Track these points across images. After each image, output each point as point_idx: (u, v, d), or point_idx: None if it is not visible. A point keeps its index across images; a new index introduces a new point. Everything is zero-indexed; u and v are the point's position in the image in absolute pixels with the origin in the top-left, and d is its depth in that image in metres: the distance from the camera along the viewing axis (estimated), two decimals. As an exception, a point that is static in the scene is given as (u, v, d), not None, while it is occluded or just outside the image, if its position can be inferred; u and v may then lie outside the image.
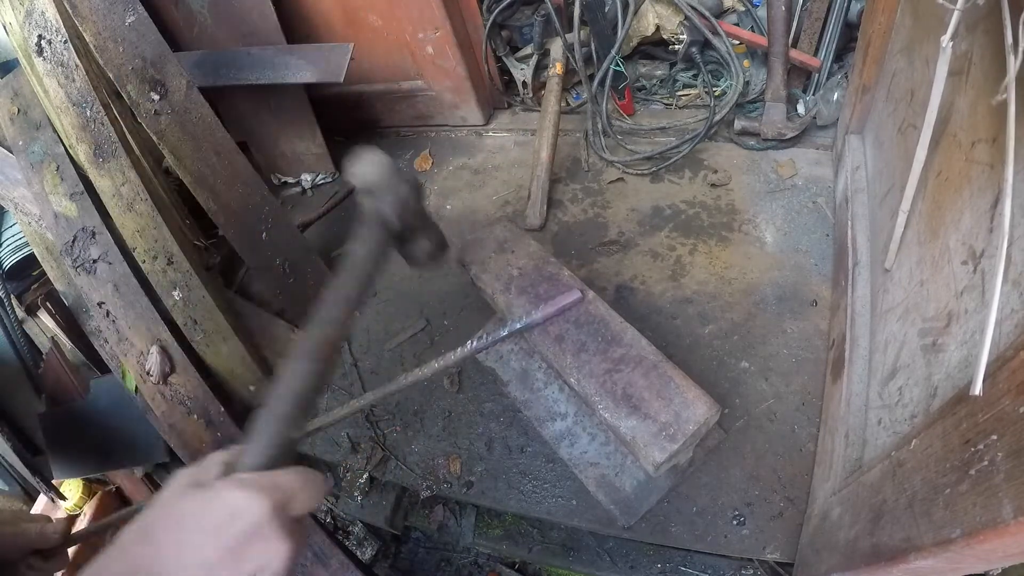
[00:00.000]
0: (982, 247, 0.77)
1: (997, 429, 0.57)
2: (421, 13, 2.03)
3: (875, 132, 1.52)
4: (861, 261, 1.38)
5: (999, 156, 0.70)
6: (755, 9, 2.02)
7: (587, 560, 1.53)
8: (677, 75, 2.22)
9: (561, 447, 1.51)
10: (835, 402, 1.31)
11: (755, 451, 1.43)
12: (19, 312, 1.98)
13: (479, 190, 2.21)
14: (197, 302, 1.65)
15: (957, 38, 0.89)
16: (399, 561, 1.84)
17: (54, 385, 1.89)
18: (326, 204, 2.29)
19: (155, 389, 1.67)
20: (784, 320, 1.61)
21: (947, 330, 0.84)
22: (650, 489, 1.41)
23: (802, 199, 1.85)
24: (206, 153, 1.66)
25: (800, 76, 2.02)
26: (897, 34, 1.37)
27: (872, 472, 0.90)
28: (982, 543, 0.58)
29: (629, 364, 1.26)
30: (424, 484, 1.58)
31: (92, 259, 1.66)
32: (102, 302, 1.66)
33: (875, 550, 0.81)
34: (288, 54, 2.00)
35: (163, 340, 1.66)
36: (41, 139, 1.74)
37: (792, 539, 1.30)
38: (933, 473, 0.68)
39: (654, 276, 1.79)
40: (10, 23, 1.61)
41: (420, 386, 1.74)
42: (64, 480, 1.85)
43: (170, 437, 1.68)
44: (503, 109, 2.44)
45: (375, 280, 0.78)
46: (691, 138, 1.98)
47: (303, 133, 2.31)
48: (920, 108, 1.01)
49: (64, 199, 1.69)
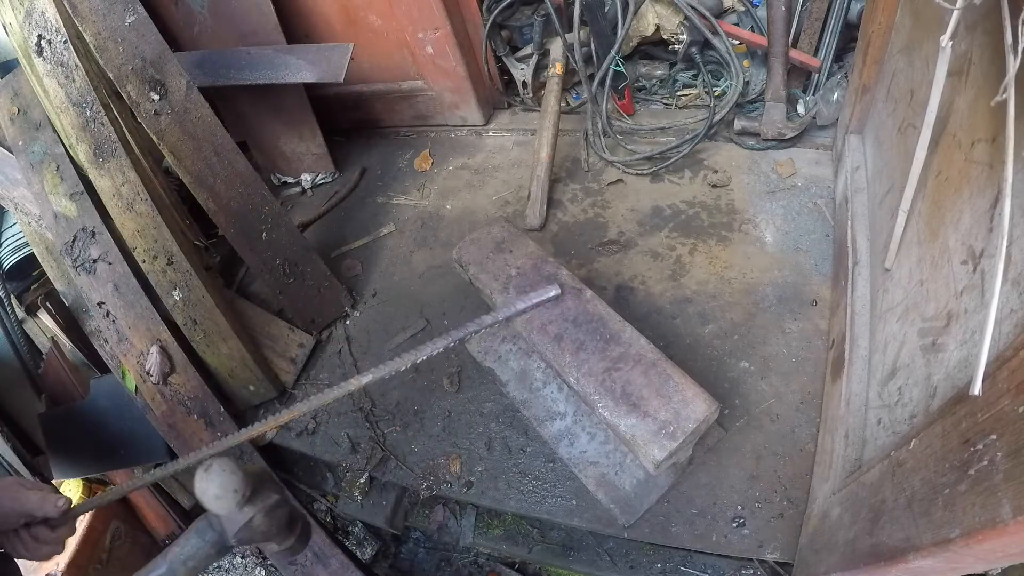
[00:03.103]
0: (982, 247, 0.77)
1: (996, 429, 0.57)
2: (421, 13, 2.03)
3: (875, 132, 1.52)
4: (861, 261, 1.38)
5: (999, 156, 0.71)
6: (755, 9, 2.03)
7: (587, 560, 1.53)
8: (677, 75, 2.22)
9: (560, 446, 1.51)
10: (835, 402, 1.31)
11: (755, 451, 1.43)
12: (19, 312, 1.98)
13: (479, 190, 2.21)
14: (197, 302, 1.65)
15: (957, 38, 0.89)
16: (399, 561, 1.84)
17: (54, 385, 1.89)
18: (326, 204, 2.29)
19: (155, 389, 1.67)
20: (784, 320, 1.61)
21: (947, 330, 0.84)
22: (650, 488, 1.41)
23: (802, 199, 1.85)
24: (206, 153, 1.66)
25: (800, 76, 2.02)
26: (897, 34, 1.37)
27: (872, 472, 0.90)
28: (981, 543, 0.58)
29: (628, 362, 1.26)
30: (424, 484, 1.58)
31: (92, 259, 1.66)
32: (102, 302, 1.66)
33: (874, 550, 0.81)
34: (288, 54, 2.00)
35: (163, 340, 1.66)
36: (41, 139, 1.74)
37: (792, 539, 1.30)
38: (932, 473, 0.68)
39: (654, 276, 1.79)
40: (10, 23, 1.61)
41: (420, 386, 1.74)
42: (64, 480, 1.85)
43: (170, 437, 1.68)
44: (503, 109, 2.44)
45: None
46: (691, 138, 1.98)
47: (303, 133, 2.32)
48: (920, 108, 1.01)
49: (64, 199, 1.69)
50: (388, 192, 2.32)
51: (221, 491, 0.72)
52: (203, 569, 0.77)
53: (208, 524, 0.77)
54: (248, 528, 0.76)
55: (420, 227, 2.16)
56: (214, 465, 0.72)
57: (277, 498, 0.79)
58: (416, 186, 2.30)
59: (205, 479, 0.72)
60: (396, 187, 2.32)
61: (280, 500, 0.79)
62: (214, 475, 0.72)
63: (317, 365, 1.88)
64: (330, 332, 1.95)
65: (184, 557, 0.76)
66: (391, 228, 2.18)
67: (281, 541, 0.85)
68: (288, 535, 0.85)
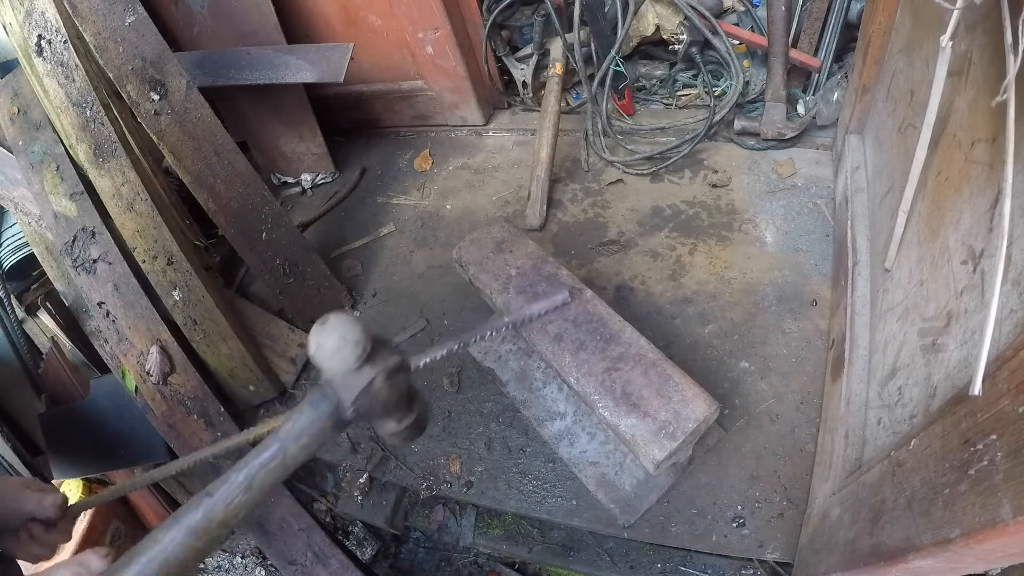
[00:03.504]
0: (982, 247, 0.77)
1: (996, 429, 0.57)
2: (421, 13, 2.03)
3: (875, 132, 1.52)
4: (861, 261, 1.38)
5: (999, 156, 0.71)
6: (755, 9, 2.02)
7: (587, 560, 1.52)
8: (677, 75, 2.22)
9: (560, 446, 1.51)
10: (835, 402, 1.31)
11: (755, 451, 1.43)
12: (19, 312, 1.98)
13: (479, 190, 2.21)
14: (197, 302, 1.65)
15: (957, 38, 0.89)
16: (399, 561, 1.84)
17: (54, 385, 1.89)
18: (326, 204, 2.29)
19: (155, 389, 1.67)
20: (784, 320, 1.61)
21: (947, 330, 0.84)
22: (650, 488, 1.41)
23: (802, 199, 1.85)
24: (206, 153, 1.66)
25: (800, 76, 2.02)
26: (897, 34, 1.37)
27: (871, 472, 0.90)
28: (981, 543, 0.58)
29: (628, 362, 1.26)
30: (424, 484, 1.58)
31: (92, 259, 1.66)
32: (102, 302, 1.66)
33: (874, 550, 0.81)
34: (288, 54, 2.00)
35: (163, 340, 1.66)
36: (41, 139, 1.74)
37: (792, 539, 1.30)
38: (932, 473, 0.68)
39: (654, 276, 1.79)
40: (10, 23, 1.61)
41: (420, 386, 1.73)
42: (64, 480, 1.85)
43: (170, 437, 1.68)
44: (503, 109, 2.44)
45: (295, 469, 0.68)
46: (691, 138, 1.98)
47: (303, 133, 2.31)
48: (920, 108, 1.01)
49: (64, 199, 1.69)
50: (388, 192, 2.32)
51: (341, 342, 0.63)
52: (317, 448, 0.67)
53: (322, 394, 0.67)
54: (368, 394, 0.66)
55: (420, 227, 2.16)
56: (331, 317, 0.65)
57: (398, 359, 0.68)
58: (416, 186, 2.30)
59: (323, 331, 0.64)
60: (396, 187, 2.32)
61: (402, 363, 0.69)
62: (334, 325, 0.64)
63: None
64: (330, 332, 1.95)
65: (297, 433, 0.66)
66: (391, 228, 2.18)
67: (401, 417, 0.74)
68: (408, 410, 0.75)
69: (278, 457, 0.65)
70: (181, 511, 0.61)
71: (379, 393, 0.67)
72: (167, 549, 0.59)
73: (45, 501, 0.83)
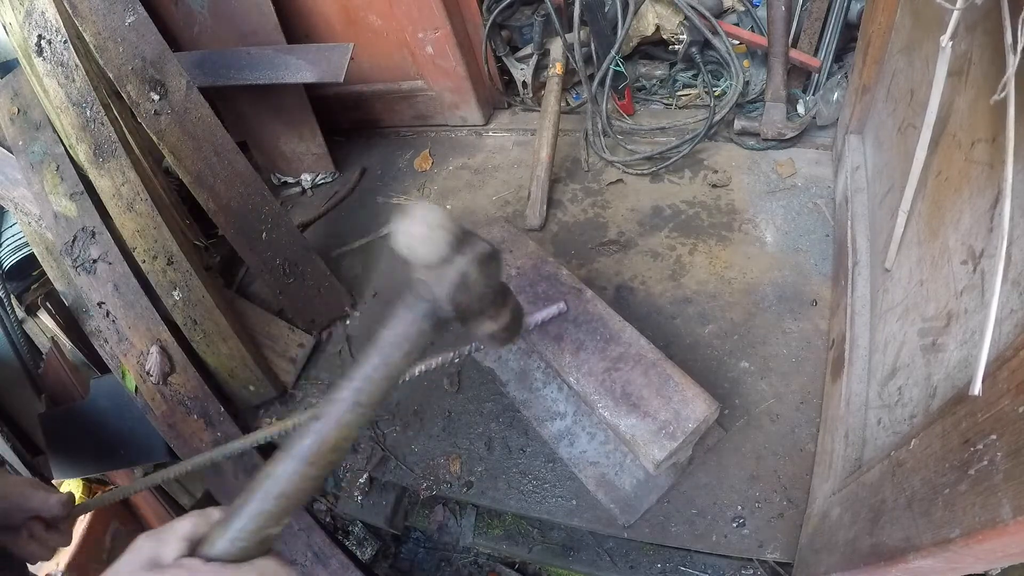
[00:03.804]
0: (982, 247, 0.77)
1: (996, 429, 0.57)
2: (421, 13, 2.03)
3: (875, 132, 1.52)
4: (861, 261, 1.38)
5: (999, 156, 0.71)
6: (755, 9, 2.02)
7: (587, 560, 1.52)
8: (677, 75, 2.22)
9: (560, 446, 1.51)
10: (835, 402, 1.31)
11: (755, 451, 1.43)
12: (19, 312, 1.98)
13: (479, 190, 2.21)
14: (197, 302, 1.65)
15: (957, 38, 0.89)
16: (399, 561, 1.84)
17: (54, 385, 1.89)
18: (326, 204, 2.29)
19: (155, 389, 1.67)
20: (784, 320, 1.61)
21: (947, 330, 0.84)
22: (650, 488, 1.41)
23: (802, 199, 1.84)
24: (206, 153, 1.66)
25: (800, 76, 2.02)
26: (897, 34, 1.37)
27: (872, 472, 0.90)
28: (981, 543, 0.58)
29: (628, 362, 1.26)
30: (424, 484, 1.58)
31: (92, 259, 1.66)
32: (102, 302, 1.67)
33: (874, 550, 0.81)
34: (288, 54, 2.00)
35: (163, 340, 1.66)
36: (41, 139, 1.74)
37: (792, 539, 1.30)
38: (932, 473, 0.68)
39: (654, 276, 1.79)
40: (10, 23, 1.61)
41: (420, 386, 1.74)
42: (64, 480, 1.85)
43: (170, 437, 1.68)
44: (503, 109, 2.44)
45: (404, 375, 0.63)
46: (691, 138, 1.98)
47: (303, 133, 2.32)
48: (920, 108, 1.01)
49: (64, 199, 1.69)
50: (388, 192, 2.32)
51: (429, 229, 0.58)
52: (419, 354, 0.62)
53: (415, 295, 0.62)
54: (464, 286, 0.61)
55: (420, 227, 2.15)
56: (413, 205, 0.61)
57: (488, 246, 0.63)
58: (416, 186, 2.30)
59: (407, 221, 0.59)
60: (396, 187, 2.32)
61: (493, 250, 0.64)
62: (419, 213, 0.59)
63: (317, 365, 1.88)
64: (330, 332, 1.95)
65: (397, 340, 0.61)
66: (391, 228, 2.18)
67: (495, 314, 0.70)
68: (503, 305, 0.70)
69: (382, 368, 0.61)
70: (290, 441, 0.57)
71: (475, 284, 0.62)
72: (281, 480, 0.56)
73: (51, 499, 0.84)
